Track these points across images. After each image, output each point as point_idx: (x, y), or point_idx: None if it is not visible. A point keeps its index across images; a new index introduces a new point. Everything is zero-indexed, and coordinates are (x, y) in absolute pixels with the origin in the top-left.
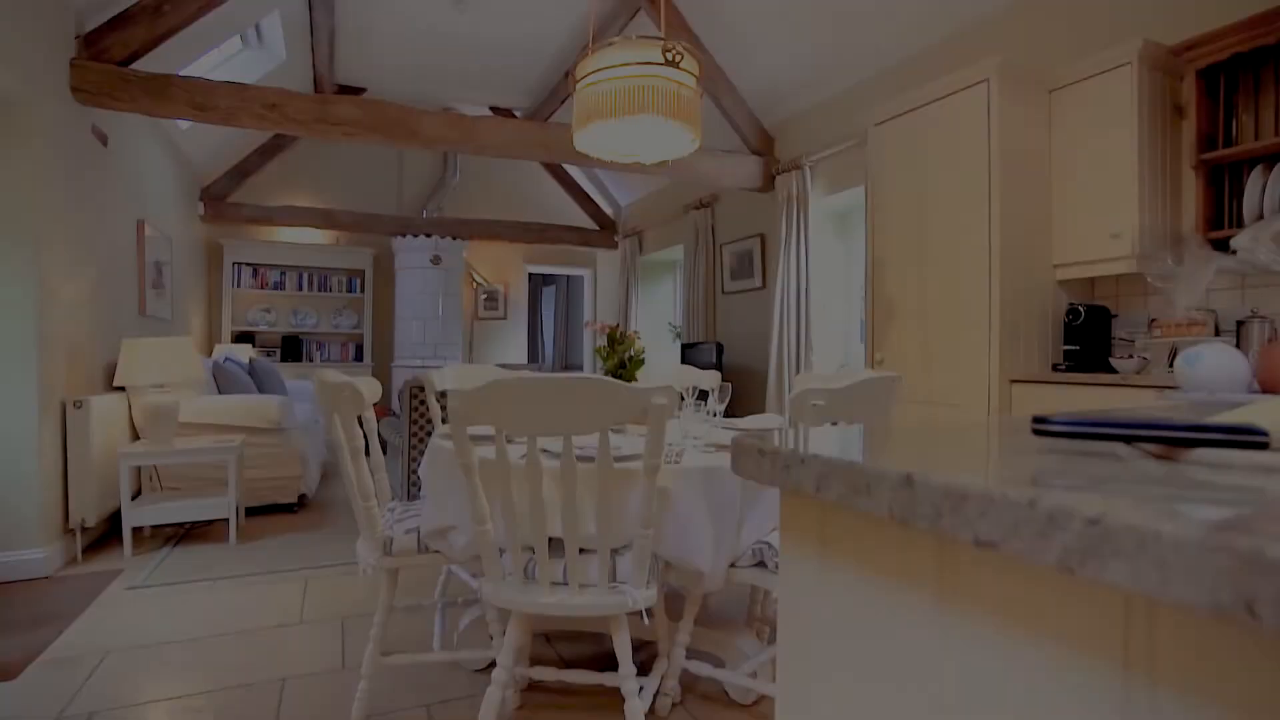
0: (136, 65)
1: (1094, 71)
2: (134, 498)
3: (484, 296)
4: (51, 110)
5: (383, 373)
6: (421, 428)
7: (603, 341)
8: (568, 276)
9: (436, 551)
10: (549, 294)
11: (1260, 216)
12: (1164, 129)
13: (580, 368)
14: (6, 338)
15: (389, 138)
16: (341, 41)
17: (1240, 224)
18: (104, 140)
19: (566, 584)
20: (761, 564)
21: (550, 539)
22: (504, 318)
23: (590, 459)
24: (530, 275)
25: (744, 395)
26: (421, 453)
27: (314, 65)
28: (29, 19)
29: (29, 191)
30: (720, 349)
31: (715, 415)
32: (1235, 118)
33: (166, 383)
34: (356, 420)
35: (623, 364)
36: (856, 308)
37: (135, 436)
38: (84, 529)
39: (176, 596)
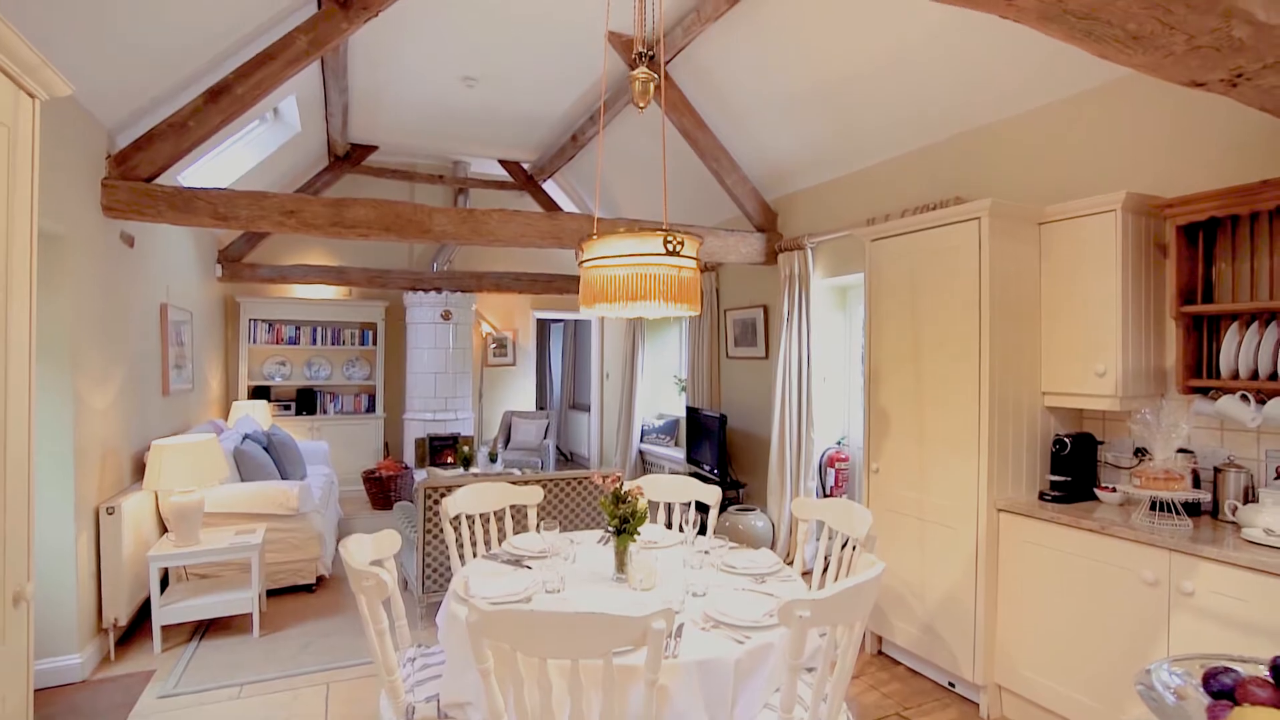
0: (163, 178)
1: (1080, 213)
2: (163, 587)
3: (494, 345)
4: (86, 233)
5: (394, 424)
6: (436, 525)
7: (608, 498)
8: (576, 321)
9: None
10: (557, 331)
11: (1235, 372)
12: (1148, 271)
13: (588, 409)
14: (45, 454)
15: (402, 236)
16: (354, 108)
17: (1219, 374)
18: (131, 243)
19: None
20: None
21: None
22: (513, 364)
23: None
24: (539, 320)
25: (747, 462)
26: (436, 547)
27: (327, 132)
28: (70, 159)
29: (66, 314)
30: (724, 420)
31: (710, 551)
32: (1214, 266)
33: (193, 486)
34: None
35: (625, 520)
36: (856, 377)
37: (162, 528)
38: (116, 626)
39: (206, 708)
